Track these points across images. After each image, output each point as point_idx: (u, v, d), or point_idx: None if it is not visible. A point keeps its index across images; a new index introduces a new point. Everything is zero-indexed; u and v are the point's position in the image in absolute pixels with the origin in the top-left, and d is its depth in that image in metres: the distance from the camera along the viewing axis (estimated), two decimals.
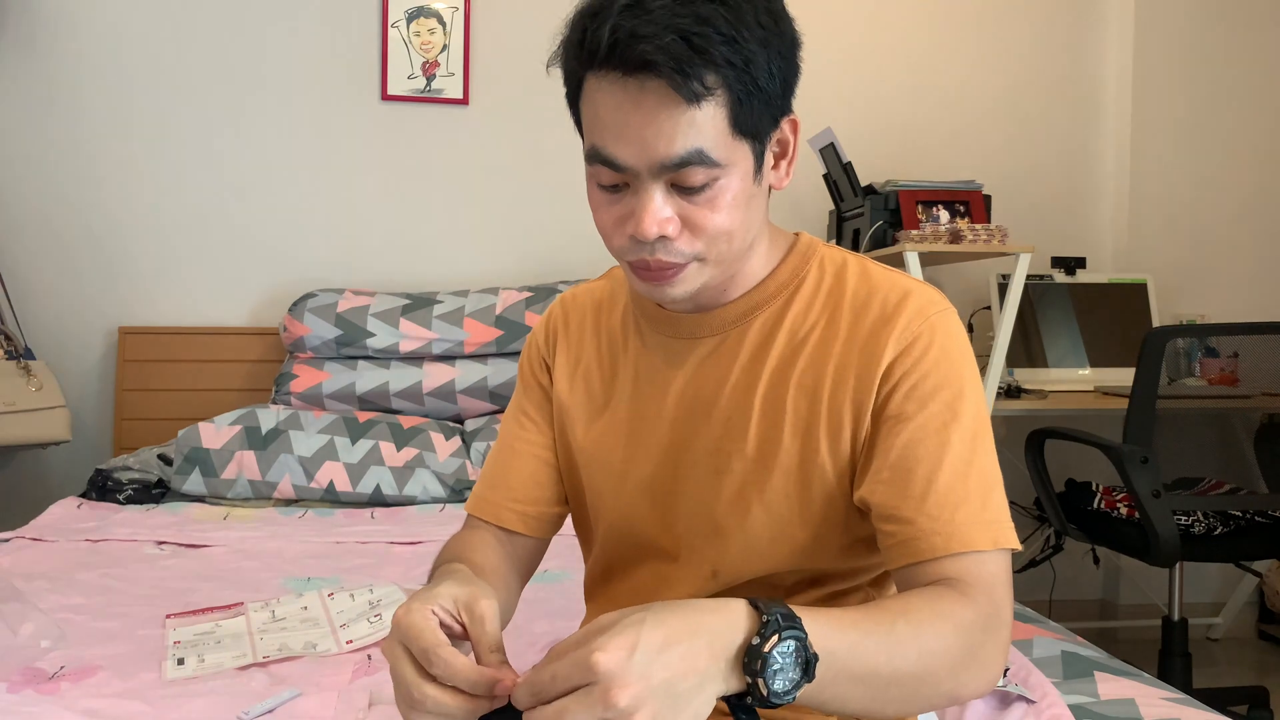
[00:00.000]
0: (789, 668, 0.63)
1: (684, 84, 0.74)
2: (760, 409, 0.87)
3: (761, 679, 0.62)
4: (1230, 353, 2.58)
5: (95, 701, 1.18)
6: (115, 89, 2.71)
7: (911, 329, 0.84)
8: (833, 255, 0.92)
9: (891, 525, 0.81)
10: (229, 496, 2.32)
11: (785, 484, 0.86)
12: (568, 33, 0.80)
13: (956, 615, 0.74)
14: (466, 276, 2.85)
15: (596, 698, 0.58)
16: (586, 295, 1.03)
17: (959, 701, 0.76)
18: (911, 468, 0.81)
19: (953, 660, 0.73)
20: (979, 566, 0.78)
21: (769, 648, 0.62)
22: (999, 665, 0.76)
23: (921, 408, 0.82)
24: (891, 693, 0.71)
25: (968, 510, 0.79)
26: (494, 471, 1.01)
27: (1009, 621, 0.78)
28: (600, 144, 0.79)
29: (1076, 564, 2.98)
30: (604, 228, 0.83)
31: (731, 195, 0.79)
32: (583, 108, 0.81)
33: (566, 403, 0.99)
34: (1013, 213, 2.98)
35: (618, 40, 0.74)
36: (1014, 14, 3.08)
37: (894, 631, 0.71)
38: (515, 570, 0.98)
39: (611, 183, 0.80)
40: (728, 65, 0.75)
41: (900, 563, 0.81)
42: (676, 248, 0.80)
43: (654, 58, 0.73)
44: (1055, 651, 1.41)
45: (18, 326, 2.59)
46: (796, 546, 0.87)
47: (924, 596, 0.76)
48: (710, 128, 0.76)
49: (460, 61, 2.83)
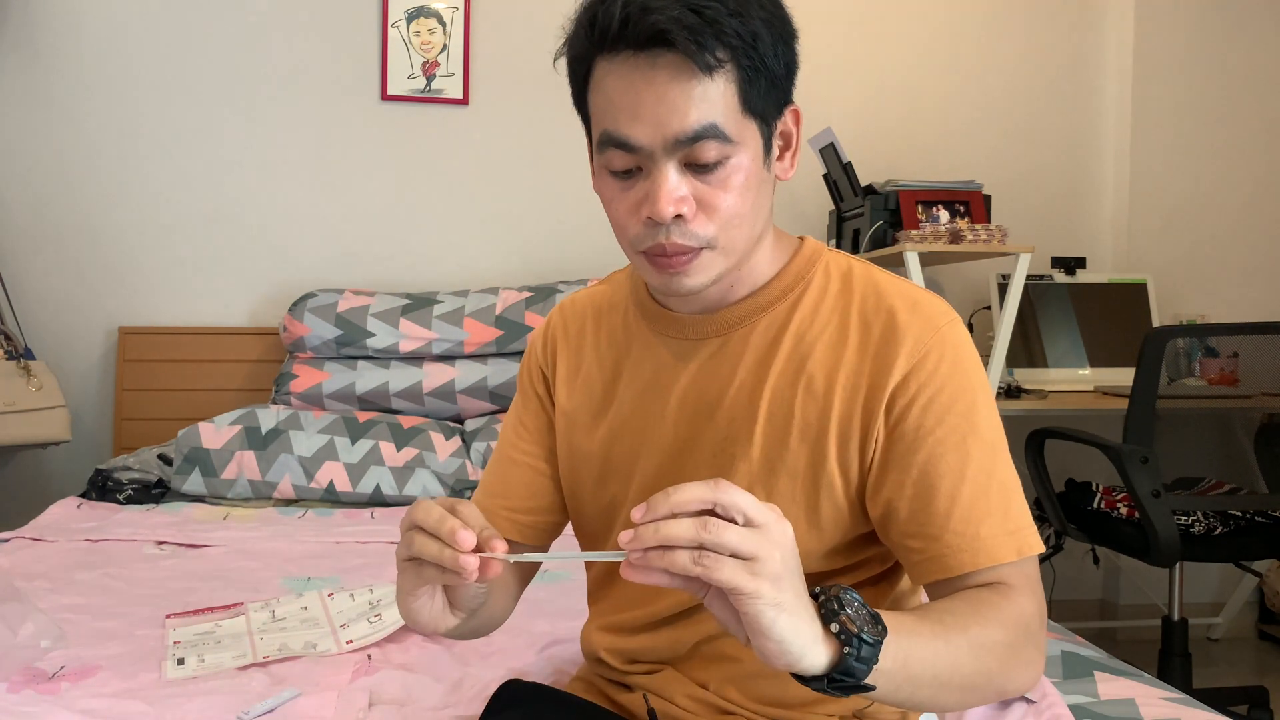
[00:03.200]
0: (862, 619, 0.66)
1: (698, 54, 0.75)
2: (766, 412, 0.87)
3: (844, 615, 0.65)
4: (1230, 353, 2.58)
5: (95, 701, 1.18)
6: (116, 89, 2.71)
7: (924, 342, 0.84)
8: (838, 260, 0.92)
9: (918, 542, 0.82)
10: (229, 496, 2.32)
11: (792, 488, 0.86)
12: (575, 21, 0.82)
13: (1000, 616, 0.77)
14: (466, 276, 2.85)
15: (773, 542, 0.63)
16: (586, 300, 1.03)
17: (1006, 695, 0.79)
18: (934, 484, 0.82)
19: (1003, 657, 0.76)
20: (1009, 576, 0.81)
21: (834, 595, 0.67)
22: (1042, 664, 0.80)
23: (940, 422, 0.83)
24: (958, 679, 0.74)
25: (991, 524, 0.81)
26: (492, 480, 1.02)
27: (1044, 621, 0.82)
28: (612, 127, 0.79)
29: (1076, 564, 2.98)
30: (618, 218, 0.83)
31: (744, 175, 0.80)
32: (591, 96, 0.82)
33: (568, 408, 0.99)
34: (1013, 213, 2.98)
35: (629, 15, 0.76)
36: (1014, 14, 3.08)
37: (945, 626, 0.74)
38: (514, 574, 0.98)
39: (624, 167, 0.81)
40: (737, 38, 0.77)
41: (929, 579, 0.83)
42: (691, 230, 0.80)
43: (667, 27, 0.75)
44: (1055, 651, 1.41)
45: (18, 326, 2.59)
46: (803, 549, 0.87)
47: (966, 600, 0.79)
48: (721, 102, 0.78)
49: (460, 61, 2.83)
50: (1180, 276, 3.03)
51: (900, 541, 0.84)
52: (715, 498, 0.63)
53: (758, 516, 0.63)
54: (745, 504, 0.63)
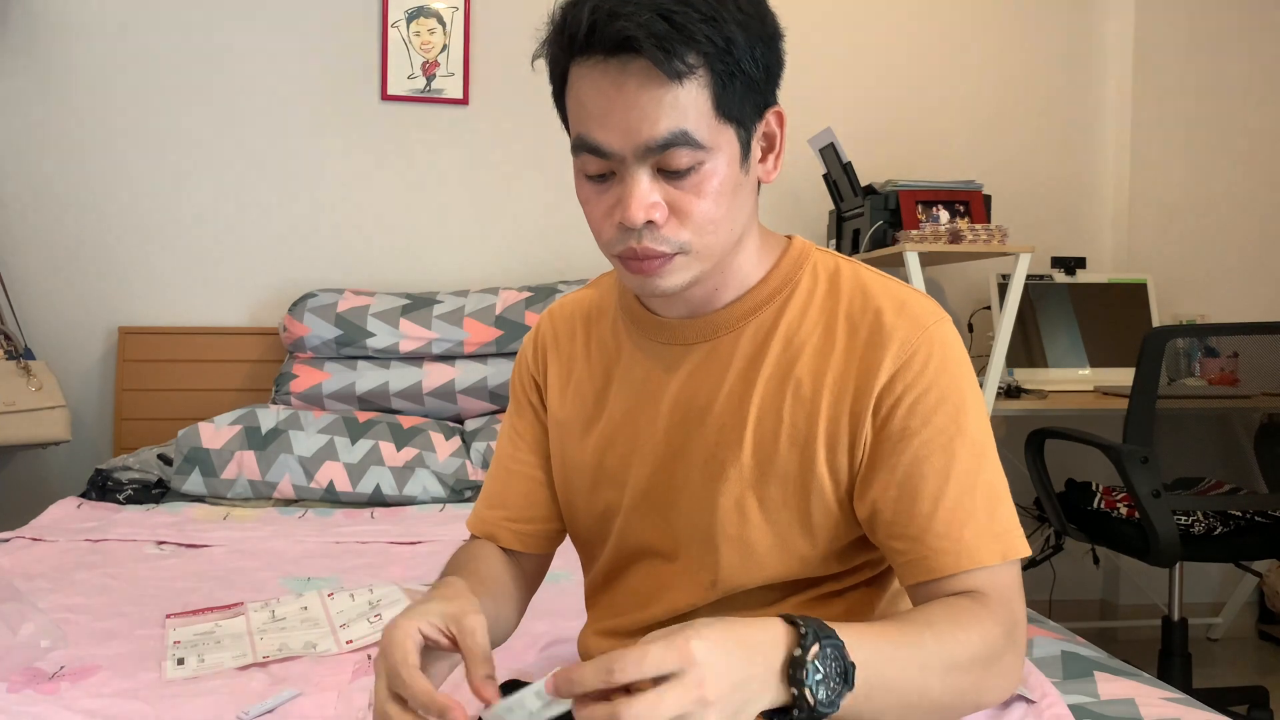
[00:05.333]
0: (831, 676, 0.65)
1: (665, 60, 0.74)
2: (755, 417, 0.86)
3: (807, 688, 0.64)
4: (1230, 353, 2.58)
5: (95, 701, 1.18)
6: (115, 90, 2.71)
7: (910, 342, 0.83)
8: (825, 260, 0.91)
9: (902, 543, 0.82)
10: (229, 496, 2.32)
11: (783, 493, 0.86)
12: (549, 24, 0.81)
13: (979, 626, 0.76)
14: (466, 276, 2.85)
15: (690, 685, 0.59)
16: (574, 305, 1.02)
17: (981, 709, 0.77)
18: (918, 485, 0.81)
19: (978, 670, 0.75)
20: (992, 580, 0.80)
21: (811, 656, 0.64)
22: (1020, 673, 0.78)
23: (925, 423, 0.82)
24: (926, 702, 0.72)
25: (975, 526, 0.80)
26: (492, 490, 1.02)
27: (1025, 627, 0.80)
28: (585, 131, 0.79)
29: (1076, 564, 2.98)
30: (594, 220, 0.84)
31: (718, 181, 0.79)
32: (567, 100, 0.82)
33: (560, 416, 0.98)
34: (1013, 213, 2.98)
35: (597, 21, 0.75)
36: (1014, 14, 3.08)
37: (922, 643, 0.72)
38: (518, 582, 0.99)
39: (598, 171, 0.81)
40: (708, 43, 0.75)
41: (912, 580, 0.82)
42: (663, 235, 0.80)
43: (634, 33, 0.74)
44: (1055, 651, 1.41)
45: (18, 326, 2.59)
46: (795, 556, 0.87)
47: (944, 609, 0.77)
48: (693, 109, 0.77)
49: (460, 61, 2.83)
50: (1180, 276, 3.03)
51: (886, 543, 0.84)
52: (612, 681, 0.59)
53: (664, 666, 0.60)
54: (647, 665, 0.59)
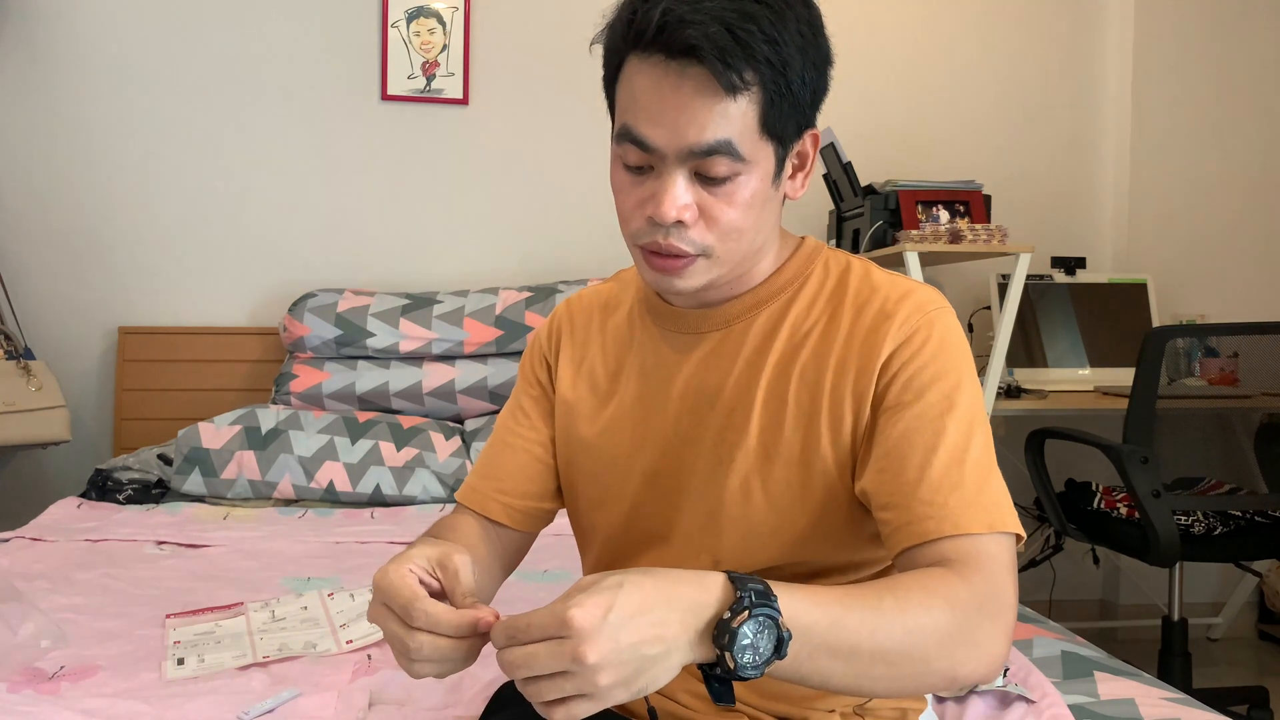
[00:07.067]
0: (759, 644, 0.65)
1: (724, 74, 0.77)
2: (762, 401, 0.88)
3: (729, 653, 0.64)
4: (1230, 353, 2.58)
5: (95, 701, 1.19)
6: (115, 89, 2.71)
7: (910, 323, 0.86)
8: (837, 258, 0.94)
9: (888, 513, 0.82)
10: (229, 496, 2.32)
11: (787, 474, 0.88)
12: (616, 13, 0.83)
13: (949, 592, 0.73)
14: (466, 276, 2.85)
15: (566, 651, 0.62)
16: (593, 296, 1.05)
17: (957, 683, 0.74)
18: (906, 454, 0.82)
19: (944, 637, 0.72)
20: (976, 548, 0.78)
21: (737, 624, 0.64)
22: (1000, 649, 0.75)
23: (919, 397, 0.83)
24: (877, 670, 0.71)
25: (962, 495, 0.80)
26: (485, 463, 1.03)
27: (1011, 605, 0.77)
28: (633, 123, 0.81)
29: (1076, 564, 2.98)
30: (623, 209, 0.86)
31: (750, 193, 0.82)
32: (619, 88, 0.84)
33: (570, 399, 1.00)
34: (1013, 213, 2.98)
35: (667, 23, 0.77)
36: (1014, 13, 3.08)
37: (880, 607, 0.71)
38: (497, 558, 0.98)
39: (638, 164, 0.83)
40: (766, 64, 0.78)
41: (897, 548, 0.81)
42: (689, 236, 0.82)
43: (699, 43, 0.76)
44: (1055, 651, 1.41)
45: (18, 326, 2.59)
46: (797, 536, 0.88)
47: (916, 575, 0.76)
48: (741, 122, 0.79)
49: (460, 61, 2.83)
50: (1180, 276, 3.03)
51: (878, 515, 0.84)
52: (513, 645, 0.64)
53: (546, 632, 0.63)
54: (533, 632, 0.63)
